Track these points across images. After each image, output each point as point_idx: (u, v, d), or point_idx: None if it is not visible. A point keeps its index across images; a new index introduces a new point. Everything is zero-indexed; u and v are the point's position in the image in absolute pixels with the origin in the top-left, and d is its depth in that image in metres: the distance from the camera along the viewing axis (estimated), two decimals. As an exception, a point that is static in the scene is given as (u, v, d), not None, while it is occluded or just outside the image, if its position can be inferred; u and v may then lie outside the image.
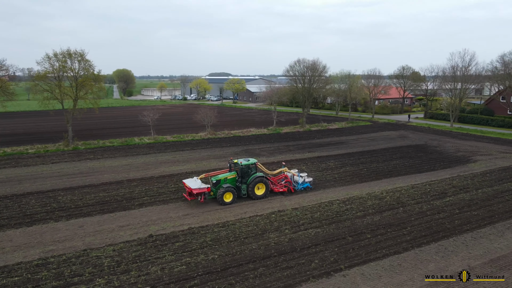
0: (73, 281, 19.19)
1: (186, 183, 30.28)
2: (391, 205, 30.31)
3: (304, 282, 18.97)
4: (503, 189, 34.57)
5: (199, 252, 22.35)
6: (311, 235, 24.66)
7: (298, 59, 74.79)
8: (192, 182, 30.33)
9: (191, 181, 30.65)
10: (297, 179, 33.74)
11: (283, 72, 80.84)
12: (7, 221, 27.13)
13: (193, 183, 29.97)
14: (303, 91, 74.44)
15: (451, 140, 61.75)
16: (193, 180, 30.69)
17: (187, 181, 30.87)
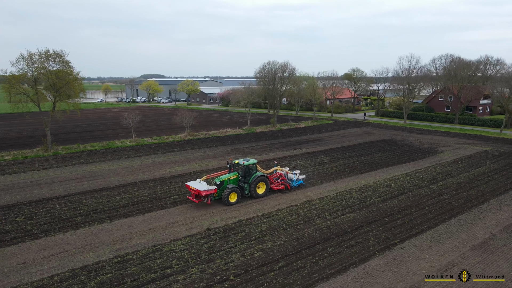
0: (167, 272, 20.24)
1: (192, 186, 30.00)
2: (399, 191, 34.62)
3: (373, 256, 22.01)
4: (479, 173, 40.84)
5: (264, 239, 24.35)
6: (351, 219, 27.82)
7: (268, 61, 78.09)
8: (197, 184, 30.14)
9: (196, 183, 30.38)
10: (291, 176, 34.92)
11: (254, 73, 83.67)
12: (48, 226, 26.65)
13: (199, 185, 29.83)
14: (274, 92, 77.81)
15: (411, 134, 69.21)
16: (197, 183, 30.46)
17: (192, 183, 30.55)
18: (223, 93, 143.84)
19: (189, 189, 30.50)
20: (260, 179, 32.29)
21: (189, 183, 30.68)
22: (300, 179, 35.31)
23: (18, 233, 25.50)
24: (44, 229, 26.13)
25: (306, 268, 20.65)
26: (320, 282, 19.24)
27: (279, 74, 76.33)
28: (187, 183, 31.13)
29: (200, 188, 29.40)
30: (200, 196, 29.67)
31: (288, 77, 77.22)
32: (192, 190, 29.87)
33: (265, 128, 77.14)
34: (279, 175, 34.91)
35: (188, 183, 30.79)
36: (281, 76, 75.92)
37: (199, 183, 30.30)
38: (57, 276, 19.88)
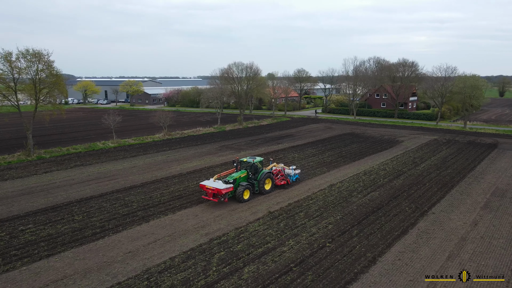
0: (269, 246, 23.49)
1: (209, 185, 30.32)
2: (396, 173, 41.26)
3: (418, 220, 27.64)
4: (444, 156, 49.63)
5: (324, 216, 28.61)
6: (377, 196, 33.34)
7: (235, 62, 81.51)
8: (214, 183, 30.46)
9: (212, 182, 30.69)
10: (288, 172, 36.41)
11: (220, 73, 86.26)
12: (117, 221, 27.70)
13: (217, 184, 30.23)
14: (241, 92, 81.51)
15: (367, 128, 78.28)
16: (212, 182, 30.78)
17: (207, 183, 30.76)
18: (168, 94, 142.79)
19: (204, 188, 30.78)
20: (267, 175, 33.59)
21: (204, 183, 30.93)
22: (296, 174, 36.89)
23: (94, 229, 26.29)
24: (116, 224, 27.18)
25: (376, 233, 25.43)
26: (395, 241, 24.16)
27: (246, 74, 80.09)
28: (201, 183, 31.32)
29: (219, 186, 29.83)
30: (219, 195, 30.04)
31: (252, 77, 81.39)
32: (210, 189, 30.18)
33: (233, 126, 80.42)
34: (278, 171, 35.87)
35: (202, 183, 31.06)
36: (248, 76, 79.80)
37: (216, 182, 30.65)
38: (176, 258, 21.92)
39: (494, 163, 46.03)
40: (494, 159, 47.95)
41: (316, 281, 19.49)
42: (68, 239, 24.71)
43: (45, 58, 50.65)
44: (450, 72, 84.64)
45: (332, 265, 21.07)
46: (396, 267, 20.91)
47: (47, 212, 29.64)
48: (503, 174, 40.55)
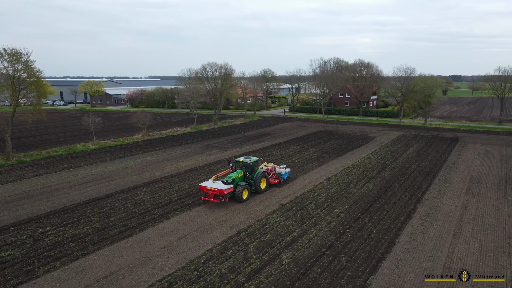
0: (295, 234, 25.30)
1: (209, 186, 30.25)
2: (381, 165, 44.71)
3: (417, 206, 30.76)
4: (417, 149, 54.15)
5: (333, 206, 30.90)
6: (373, 187, 36.26)
7: (209, 62, 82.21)
8: (214, 184, 30.47)
9: (211, 183, 30.70)
10: (279, 170, 37.10)
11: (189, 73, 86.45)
12: (138, 220, 28.18)
13: (217, 185, 30.25)
14: (215, 91, 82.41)
15: (338, 126, 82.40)
16: (212, 183, 30.78)
17: (207, 184, 30.71)
18: (131, 94, 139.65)
19: (204, 190, 30.58)
20: (263, 175, 33.97)
21: (204, 184, 30.77)
22: (287, 172, 37.71)
23: (118, 228, 26.66)
24: (138, 222, 27.69)
25: (385, 219, 28.16)
26: (404, 224, 26.99)
27: (220, 73, 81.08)
28: (201, 184, 31.16)
29: (220, 187, 29.84)
30: (220, 195, 30.04)
31: (227, 77, 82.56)
32: (211, 190, 30.07)
33: (209, 126, 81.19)
34: (270, 170, 36.26)
35: (202, 184, 30.92)
36: (223, 76, 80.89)
37: (216, 183, 30.58)
38: (213, 250, 23.13)
39: (461, 154, 51.09)
40: (460, 151, 53.14)
41: (350, 261, 21.63)
42: (96, 239, 24.94)
43: (24, 57, 48.76)
44: (409, 73, 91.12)
45: (359, 248, 23.34)
46: (414, 246, 23.60)
47: (59, 214, 29.35)
48: (472, 164, 45.36)
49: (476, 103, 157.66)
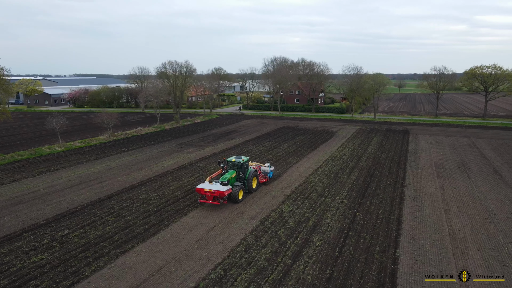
0: (314, 219, 27.77)
1: (208, 188, 29.63)
2: (355, 156, 48.83)
3: (403, 188, 34.81)
4: (378, 141, 59.53)
5: (333, 193, 33.79)
6: (358, 175, 39.92)
7: (169, 61, 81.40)
8: (212, 186, 29.96)
9: (208, 185, 30.18)
10: (265, 169, 37.28)
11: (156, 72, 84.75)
12: (155, 218, 28.56)
13: (216, 187, 29.77)
14: (176, 90, 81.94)
15: (297, 122, 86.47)
16: (209, 185, 30.27)
17: (205, 186, 30.10)
18: (74, 94, 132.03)
19: (202, 192, 29.87)
20: (254, 174, 34.16)
21: (201, 186, 30.10)
22: (271, 170, 38.10)
23: (142, 226, 26.95)
24: (159, 219, 28.16)
25: (383, 202, 31.66)
26: (401, 206, 30.68)
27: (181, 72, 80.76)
28: (198, 186, 30.35)
29: (219, 189, 29.41)
30: (220, 197, 29.57)
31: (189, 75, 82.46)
32: (209, 192, 29.45)
33: (172, 125, 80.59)
34: (257, 169, 36.22)
35: (199, 187, 30.20)
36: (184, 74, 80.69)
37: (214, 185, 30.07)
38: (248, 238, 24.69)
39: (417, 144, 57.33)
40: (415, 142, 59.50)
41: (374, 239, 24.55)
42: (125, 237, 25.13)
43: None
44: (357, 71, 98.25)
45: (375, 227, 26.40)
46: (418, 223, 27.24)
47: (69, 217, 28.70)
48: (430, 152, 51.38)
49: (406, 99, 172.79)
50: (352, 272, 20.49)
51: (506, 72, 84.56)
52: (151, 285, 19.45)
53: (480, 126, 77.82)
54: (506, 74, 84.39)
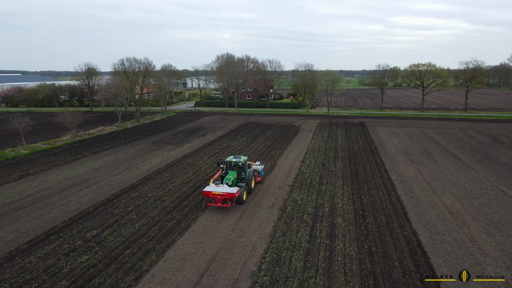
0: (328, 204, 30.54)
1: (216, 191, 28.90)
2: (331, 148, 52.67)
3: (389, 173, 39.02)
4: (343, 133, 64.30)
5: (330, 182, 36.87)
6: (342, 165, 43.59)
7: (128, 57, 78.90)
8: (221, 188, 29.26)
9: (216, 187, 29.43)
10: (256, 167, 36.74)
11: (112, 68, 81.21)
12: (178, 213, 29.21)
13: (225, 189, 29.16)
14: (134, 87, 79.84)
15: (259, 117, 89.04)
16: (216, 187, 29.55)
17: (213, 188, 29.29)
18: (5, 92, 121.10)
19: (210, 195, 29.00)
20: (253, 173, 34.08)
21: (209, 189, 29.18)
22: (262, 169, 37.61)
23: (170, 221, 27.53)
24: (183, 214, 28.85)
25: (378, 186, 35.39)
26: (394, 188, 34.64)
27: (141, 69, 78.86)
28: (205, 189, 29.34)
29: (229, 191, 28.85)
30: (231, 199, 29.04)
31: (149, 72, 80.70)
32: (219, 195, 28.70)
33: (133, 123, 78.59)
34: (254, 169, 36.09)
35: (207, 190, 29.21)
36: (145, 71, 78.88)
37: (222, 187, 29.50)
38: (280, 225, 26.63)
39: (378, 135, 63.06)
40: (376, 133, 65.28)
41: (388, 217, 27.88)
42: (160, 233, 25.68)
43: None
44: (309, 68, 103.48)
45: (383, 208, 29.82)
46: (416, 202, 31.20)
47: (87, 218, 28.26)
48: (393, 142, 57.06)
49: (345, 94, 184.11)
50: (386, 245, 23.47)
51: (439, 69, 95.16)
52: (215, 272, 20.60)
53: (421, 118, 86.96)
54: (439, 71, 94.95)
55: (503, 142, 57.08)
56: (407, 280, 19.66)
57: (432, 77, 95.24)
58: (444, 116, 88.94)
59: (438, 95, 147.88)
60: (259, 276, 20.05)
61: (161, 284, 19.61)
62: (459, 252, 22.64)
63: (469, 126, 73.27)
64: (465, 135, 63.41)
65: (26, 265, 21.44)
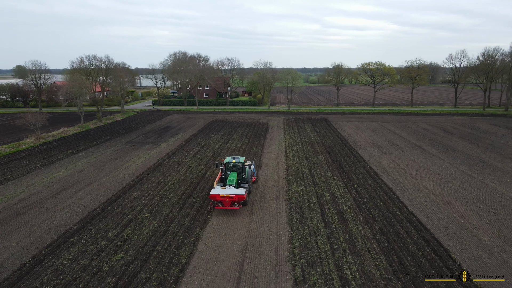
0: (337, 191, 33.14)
1: (224, 193, 28.51)
2: (307, 142, 55.59)
3: (369, 163, 42.63)
4: (312, 128, 67.66)
5: (322, 173, 39.58)
6: (324, 158, 46.56)
7: (87, 55, 75.71)
8: (228, 190, 28.95)
9: (223, 190, 29.11)
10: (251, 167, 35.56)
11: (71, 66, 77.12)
12: (194, 208, 30.14)
13: (233, 191, 28.93)
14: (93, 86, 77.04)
15: (224, 115, 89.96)
16: (223, 189, 29.26)
17: (220, 191, 28.90)
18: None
19: (218, 198, 28.59)
20: (251, 174, 34.10)
21: (216, 192, 28.83)
22: (253, 168, 36.72)
23: (186, 216, 28.30)
24: (197, 209, 29.70)
25: (365, 175, 38.68)
26: (380, 175, 38.09)
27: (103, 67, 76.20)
28: (212, 193, 28.97)
29: (237, 192, 28.66)
30: (240, 201, 28.82)
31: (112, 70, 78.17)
32: (227, 197, 28.35)
33: (95, 124, 75.95)
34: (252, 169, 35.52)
35: (214, 193, 28.82)
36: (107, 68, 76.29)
37: (229, 189, 29.27)
38: (293, 214, 28.58)
39: (344, 130, 67.29)
40: (341, 128, 69.50)
41: (385, 202, 30.90)
42: (182, 229, 26.38)
43: None
44: (267, 66, 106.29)
45: (378, 195, 32.88)
46: (402, 187, 34.72)
47: (99, 219, 28.07)
48: (360, 135, 61.35)
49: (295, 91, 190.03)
50: (393, 226, 26.34)
51: (388, 68, 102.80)
52: (253, 260, 21.99)
53: (376, 113, 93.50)
54: (388, 69, 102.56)
55: (453, 133, 63.87)
56: (423, 253, 22.55)
57: (382, 74, 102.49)
58: (395, 111, 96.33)
59: (384, 92, 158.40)
60: (296, 260, 21.79)
61: (206, 273, 20.60)
62: (455, 227, 26.13)
63: (419, 120, 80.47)
64: (419, 127, 69.78)
65: (59, 268, 21.20)
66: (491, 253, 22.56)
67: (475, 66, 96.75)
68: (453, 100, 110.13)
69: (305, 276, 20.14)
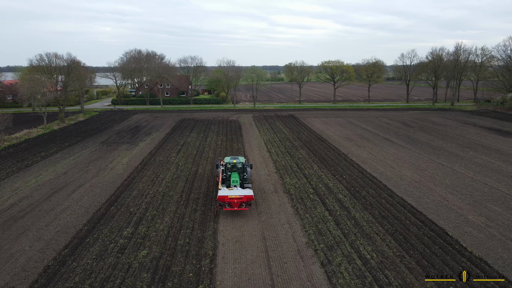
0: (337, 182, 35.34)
1: (232, 195, 27.88)
2: (282, 136, 57.70)
3: (352, 157, 45.63)
4: (283, 125, 70.02)
5: (315, 167, 41.81)
6: (305, 153, 48.93)
7: (48, 52, 72.11)
8: (236, 191, 28.50)
9: (230, 191, 28.62)
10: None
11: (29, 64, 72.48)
12: (203, 204, 30.95)
13: (241, 192, 28.49)
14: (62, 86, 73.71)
15: (191, 114, 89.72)
16: (230, 190, 28.79)
17: (228, 192, 28.34)
18: None
19: (226, 200, 27.86)
20: (250, 174, 34.19)
21: (225, 194, 28.15)
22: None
23: (195, 212, 29.03)
24: (203, 204, 30.48)
25: (350, 167, 41.43)
26: (364, 167, 41.03)
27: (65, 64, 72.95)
28: (220, 195, 28.11)
29: (246, 193, 28.26)
30: (249, 201, 28.44)
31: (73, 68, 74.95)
32: (236, 199, 27.77)
33: (58, 125, 72.78)
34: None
35: (222, 195, 28.07)
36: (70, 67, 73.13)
37: (236, 190, 28.95)
38: (299, 204, 30.34)
39: (314, 125, 70.32)
40: (311, 123, 72.47)
41: (378, 190, 33.66)
42: (196, 224, 27.15)
43: None
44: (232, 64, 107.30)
45: (366, 184, 35.57)
46: (386, 175, 37.72)
47: (107, 219, 27.99)
48: (331, 130, 64.54)
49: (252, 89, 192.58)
50: (390, 211, 28.98)
51: (347, 66, 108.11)
52: (276, 247, 23.40)
53: (338, 109, 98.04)
54: (346, 67, 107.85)
55: (412, 126, 69.21)
56: (423, 232, 25.27)
57: (341, 72, 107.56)
58: (355, 107, 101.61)
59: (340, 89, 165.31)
60: (315, 245, 23.52)
61: (237, 262, 21.69)
62: (443, 209, 29.31)
63: (380, 115, 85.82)
64: (381, 122, 74.66)
65: (87, 267, 21.19)
66: (479, 229, 25.78)
67: (424, 64, 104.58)
68: (403, 96, 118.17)
69: (328, 259, 21.91)
